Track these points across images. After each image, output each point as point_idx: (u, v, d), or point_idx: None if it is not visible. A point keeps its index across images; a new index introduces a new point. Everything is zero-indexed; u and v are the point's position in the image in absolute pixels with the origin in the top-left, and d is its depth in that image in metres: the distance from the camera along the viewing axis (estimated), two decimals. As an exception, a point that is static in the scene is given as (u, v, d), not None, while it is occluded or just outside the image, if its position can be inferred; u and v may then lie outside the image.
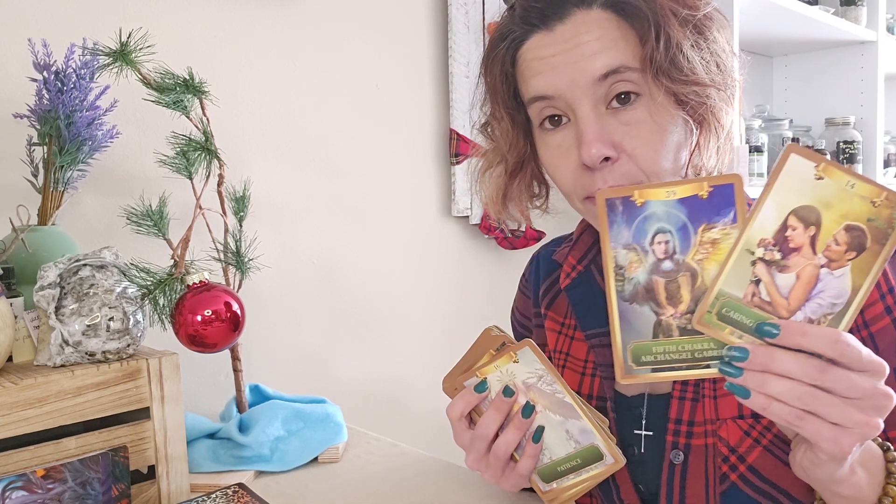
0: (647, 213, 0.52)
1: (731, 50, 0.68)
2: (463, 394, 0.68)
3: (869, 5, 2.16)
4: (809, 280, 0.49)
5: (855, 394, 0.49)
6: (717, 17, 0.67)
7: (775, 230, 0.49)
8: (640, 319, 0.54)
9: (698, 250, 0.52)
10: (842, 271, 0.49)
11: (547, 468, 0.68)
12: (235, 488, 0.79)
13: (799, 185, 0.48)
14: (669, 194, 0.52)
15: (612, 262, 0.54)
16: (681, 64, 0.63)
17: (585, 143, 0.65)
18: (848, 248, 0.48)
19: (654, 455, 0.72)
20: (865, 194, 0.48)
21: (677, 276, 0.52)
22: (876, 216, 0.48)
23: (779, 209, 0.49)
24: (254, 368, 1.23)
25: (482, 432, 0.67)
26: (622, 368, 0.55)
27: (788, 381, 0.49)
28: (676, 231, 0.52)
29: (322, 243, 1.34)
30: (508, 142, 0.75)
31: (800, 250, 0.49)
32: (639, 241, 0.53)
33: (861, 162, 2.21)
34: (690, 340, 0.53)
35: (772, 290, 0.50)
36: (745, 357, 0.50)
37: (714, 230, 0.51)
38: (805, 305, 0.50)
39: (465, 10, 1.49)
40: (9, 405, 0.70)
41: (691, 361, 0.53)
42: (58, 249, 0.90)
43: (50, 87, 0.90)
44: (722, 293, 0.51)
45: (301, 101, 1.30)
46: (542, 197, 0.80)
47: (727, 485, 0.68)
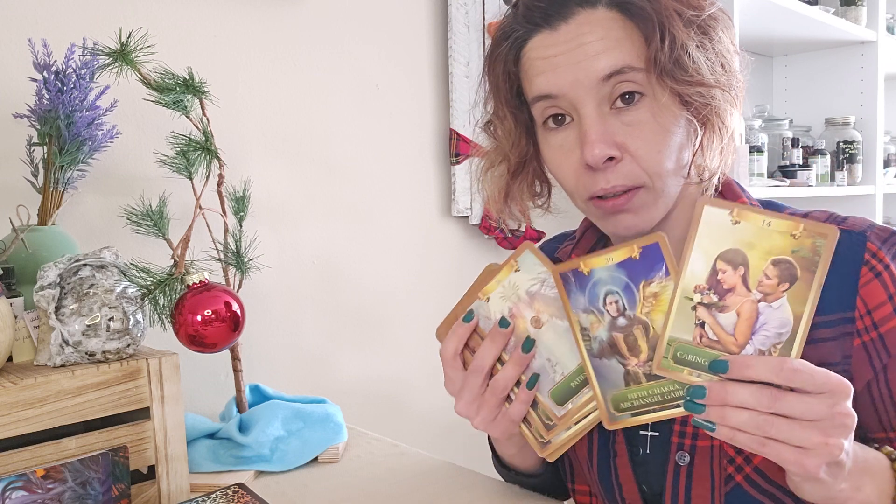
0: (595, 280, 0.58)
1: (735, 50, 0.68)
2: (454, 329, 0.66)
3: (869, 5, 2.16)
4: (750, 315, 0.53)
5: (812, 416, 0.52)
6: (722, 17, 0.67)
7: (707, 276, 0.53)
8: (611, 372, 0.59)
9: (644, 304, 0.57)
10: (779, 303, 0.52)
11: (560, 387, 0.64)
12: (235, 488, 0.79)
13: (718, 233, 0.52)
14: (608, 261, 0.57)
15: (577, 325, 0.60)
16: (686, 64, 0.63)
17: (589, 143, 0.64)
18: (780, 281, 0.52)
19: (659, 456, 0.72)
20: (784, 229, 0.51)
21: (632, 329, 0.58)
22: (799, 247, 0.51)
23: (705, 256, 0.53)
24: (254, 368, 1.23)
25: (478, 364, 0.65)
26: (607, 418, 0.60)
27: (746, 411, 0.52)
28: (622, 291, 0.57)
29: (322, 243, 1.34)
30: (511, 141, 0.74)
31: (734, 290, 0.53)
32: (594, 304, 0.59)
33: (861, 162, 2.21)
34: (658, 385, 0.58)
35: (717, 329, 0.54)
36: (703, 394, 0.54)
37: (652, 285, 0.56)
38: (752, 339, 0.53)
39: (465, 10, 1.49)
40: (9, 405, 0.70)
41: (662, 403, 0.58)
42: (58, 249, 0.90)
43: (50, 87, 0.90)
44: (672, 339, 0.55)
45: (301, 101, 1.30)
46: (545, 196, 0.80)
47: (732, 486, 0.68)
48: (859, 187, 2.18)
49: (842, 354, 0.67)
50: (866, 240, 0.67)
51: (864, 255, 0.67)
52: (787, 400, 0.52)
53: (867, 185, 2.21)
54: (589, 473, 0.79)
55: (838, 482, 0.56)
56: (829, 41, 2.20)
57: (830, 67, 2.29)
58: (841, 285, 0.67)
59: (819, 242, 0.51)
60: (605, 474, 0.76)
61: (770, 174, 1.99)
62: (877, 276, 0.66)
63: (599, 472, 0.76)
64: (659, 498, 0.72)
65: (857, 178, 2.21)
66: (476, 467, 0.95)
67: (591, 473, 0.78)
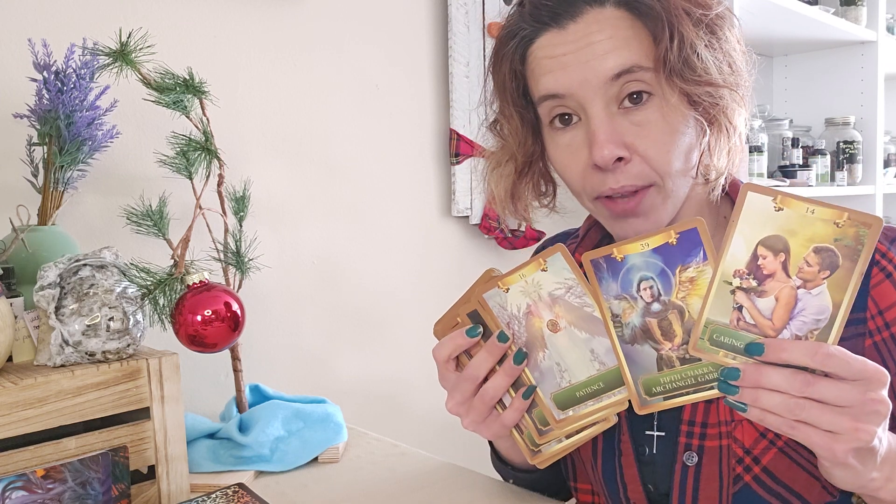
0: (629, 266, 0.58)
1: (742, 49, 0.68)
2: (453, 335, 0.66)
3: (869, 5, 2.16)
4: (788, 301, 0.53)
5: (844, 402, 0.52)
6: (729, 17, 0.67)
7: (747, 261, 0.53)
8: (643, 357, 0.60)
9: (679, 289, 0.57)
10: (819, 290, 0.52)
11: (564, 393, 0.64)
12: (235, 488, 0.79)
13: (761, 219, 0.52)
14: (643, 247, 0.58)
15: (608, 312, 0.60)
16: (694, 64, 0.62)
17: (598, 144, 0.64)
18: (821, 268, 0.52)
19: (665, 456, 0.72)
20: (827, 217, 0.51)
21: (667, 314, 0.58)
22: (842, 235, 0.51)
23: (747, 242, 0.53)
24: (254, 368, 1.23)
25: (470, 373, 0.65)
26: (637, 402, 0.61)
27: (778, 394, 0.53)
28: (657, 276, 0.58)
29: (322, 243, 1.34)
30: (517, 140, 0.74)
31: (774, 275, 0.53)
32: (627, 290, 0.59)
33: (861, 162, 2.21)
34: (691, 367, 0.58)
35: (754, 313, 0.54)
36: (738, 376, 0.55)
37: (689, 270, 0.57)
38: (790, 324, 0.54)
39: (465, 10, 1.49)
40: (9, 405, 0.70)
41: (695, 385, 0.58)
42: (58, 249, 0.90)
43: (50, 87, 0.90)
44: (710, 321, 0.55)
45: (301, 101, 1.30)
46: (550, 195, 0.80)
47: (740, 486, 0.68)
48: (859, 187, 2.18)
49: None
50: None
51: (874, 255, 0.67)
52: (819, 385, 0.52)
53: (867, 185, 2.21)
54: (593, 473, 0.78)
55: (869, 470, 0.56)
56: (829, 41, 2.20)
57: (830, 67, 2.29)
58: None
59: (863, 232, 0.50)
60: (609, 474, 0.75)
61: (770, 174, 1.99)
62: (888, 276, 0.66)
63: (604, 471, 0.76)
64: (665, 498, 0.72)
65: (857, 178, 2.21)
66: (476, 467, 0.95)
67: (595, 473, 0.78)
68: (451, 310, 0.69)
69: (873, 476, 0.57)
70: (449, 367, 0.67)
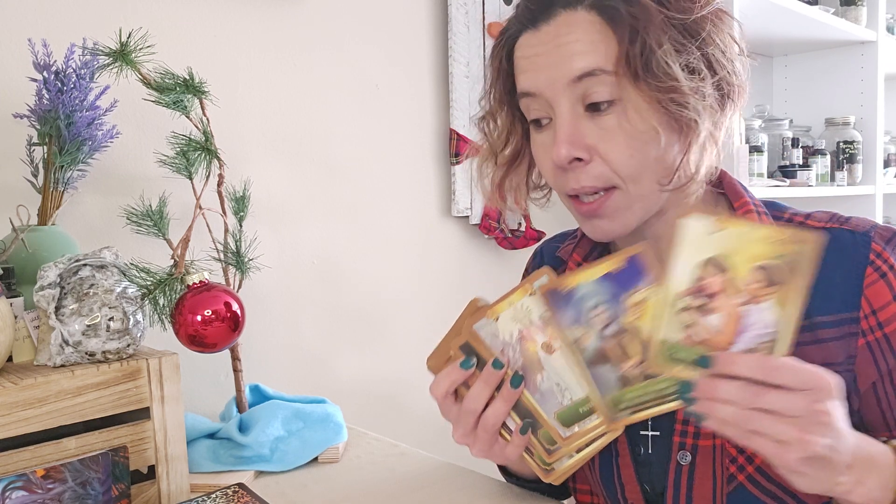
0: (580, 294, 0.61)
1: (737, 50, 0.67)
2: (448, 370, 0.67)
3: (869, 5, 2.16)
4: (736, 316, 0.55)
5: (792, 412, 0.53)
6: (717, 19, 0.65)
7: (693, 281, 0.55)
8: (606, 377, 0.62)
9: (631, 312, 0.59)
10: (766, 304, 0.54)
11: (567, 411, 0.65)
12: (235, 488, 0.79)
13: (703, 241, 0.54)
14: (592, 275, 0.60)
15: (568, 339, 0.62)
16: (657, 69, 0.62)
17: (556, 143, 0.66)
18: (765, 284, 0.53)
19: (660, 455, 0.72)
20: (766, 236, 0.53)
21: (622, 336, 0.60)
22: (783, 253, 0.52)
23: (690, 263, 0.55)
24: (254, 368, 1.23)
25: (470, 407, 0.66)
26: (607, 418, 0.63)
27: (732, 405, 0.54)
28: (608, 302, 0.60)
29: (322, 243, 1.34)
30: (506, 134, 0.76)
31: (719, 294, 0.55)
32: (581, 317, 0.61)
33: (861, 162, 2.21)
34: (652, 383, 0.60)
35: (704, 329, 0.56)
36: (692, 388, 0.56)
37: (638, 293, 0.59)
38: (740, 338, 0.55)
39: (465, 10, 1.49)
40: (9, 405, 0.70)
41: (659, 399, 0.61)
42: (58, 249, 0.90)
43: (50, 87, 0.90)
44: (664, 340, 0.57)
45: (301, 101, 1.30)
46: (545, 189, 0.81)
47: (734, 485, 0.68)
48: (859, 187, 2.18)
49: (846, 354, 0.67)
50: (870, 240, 0.67)
51: (868, 254, 0.67)
52: (769, 396, 0.53)
53: (867, 185, 2.21)
54: (591, 474, 0.78)
55: (829, 475, 0.56)
56: (829, 41, 2.20)
57: (830, 67, 2.29)
58: (845, 285, 0.67)
59: (801, 248, 0.52)
60: (607, 474, 0.76)
61: (770, 174, 1.99)
62: (882, 276, 0.66)
63: (601, 472, 0.76)
64: (661, 497, 0.72)
65: (857, 178, 2.21)
66: (476, 467, 0.95)
67: (592, 474, 0.78)
68: (443, 343, 0.69)
69: (840, 480, 0.57)
70: (449, 402, 0.68)
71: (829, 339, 0.67)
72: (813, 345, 0.67)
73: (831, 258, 0.68)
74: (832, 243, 0.69)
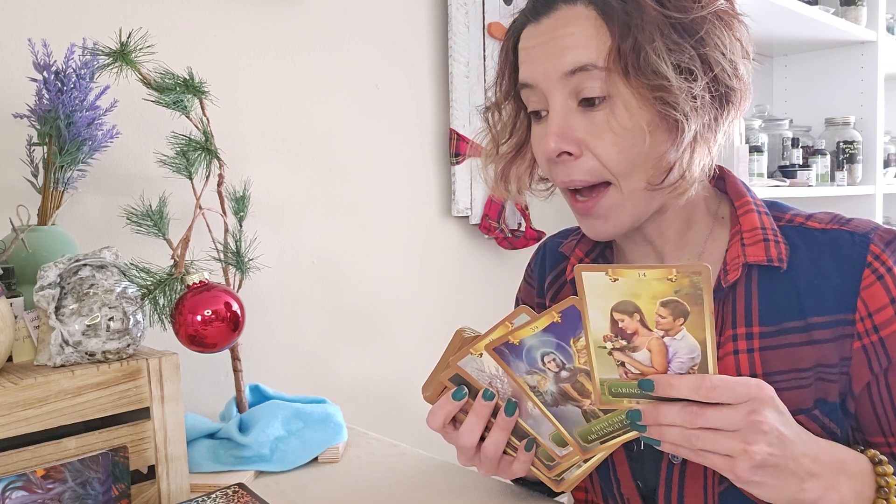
0: (528, 347, 0.62)
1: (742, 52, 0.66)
2: (441, 403, 0.67)
3: (869, 5, 2.16)
4: (660, 349, 0.57)
5: (731, 426, 0.55)
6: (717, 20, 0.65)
7: (609, 326, 0.57)
8: (571, 414, 0.64)
9: (579, 356, 0.61)
10: (681, 334, 0.56)
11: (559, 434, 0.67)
12: (235, 488, 0.79)
13: (605, 290, 0.56)
14: (533, 329, 0.61)
15: (527, 387, 0.64)
16: (646, 67, 0.62)
17: (546, 135, 0.67)
18: (674, 317, 0.55)
19: (653, 453, 0.72)
20: (660, 276, 0.55)
21: (576, 377, 0.62)
22: (679, 287, 0.54)
23: (601, 311, 0.57)
24: (254, 368, 1.23)
25: (465, 442, 0.67)
26: (579, 450, 0.65)
27: (676, 428, 0.56)
28: (556, 350, 0.61)
29: (322, 243, 1.34)
30: (511, 125, 0.77)
31: (637, 333, 0.57)
32: (534, 366, 0.63)
33: (861, 162, 2.21)
34: (613, 416, 0.63)
35: (636, 365, 0.58)
36: (639, 416, 0.59)
37: (581, 340, 0.60)
38: (670, 368, 0.57)
39: (465, 10, 1.49)
40: (9, 405, 0.70)
41: (621, 429, 0.63)
42: (58, 249, 0.90)
43: (50, 87, 0.90)
44: (603, 380, 0.59)
45: (301, 101, 1.30)
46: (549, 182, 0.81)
47: (726, 485, 0.68)
48: (859, 187, 2.18)
49: (840, 356, 0.66)
50: (869, 242, 0.67)
51: (866, 257, 0.67)
52: (707, 414, 0.55)
53: (867, 185, 2.21)
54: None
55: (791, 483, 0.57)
56: (829, 41, 2.20)
57: (830, 67, 2.29)
58: (842, 287, 0.66)
59: (695, 279, 0.54)
60: (603, 470, 0.77)
61: (770, 174, 1.99)
62: (879, 278, 0.66)
63: (598, 469, 0.76)
64: (654, 494, 0.73)
65: (857, 178, 2.21)
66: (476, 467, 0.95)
67: None
68: (434, 374, 0.70)
69: (804, 487, 0.57)
70: (448, 431, 0.69)
71: (823, 340, 0.67)
72: (808, 345, 0.67)
73: (829, 259, 0.68)
74: (831, 244, 0.68)
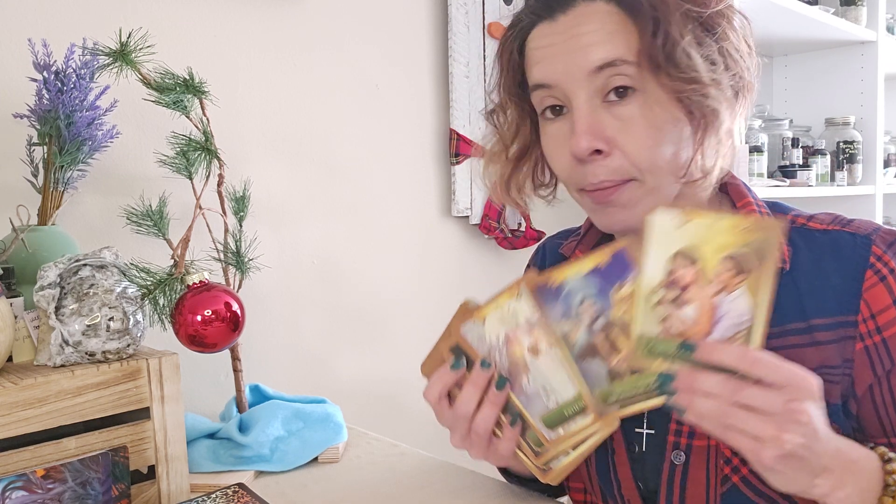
0: (569, 289, 0.61)
1: (747, 49, 0.67)
2: (439, 374, 0.67)
3: (869, 5, 2.16)
4: (709, 307, 0.55)
5: (769, 409, 0.53)
6: (731, 15, 0.66)
7: (664, 275, 0.56)
8: (595, 371, 0.62)
9: (619, 306, 0.59)
10: (736, 293, 0.54)
11: (553, 414, 0.65)
12: (235, 488, 0.79)
13: (670, 235, 0.55)
14: (579, 270, 0.60)
15: (557, 333, 0.62)
16: (679, 61, 0.62)
17: (575, 135, 0.65)
18: (735, 273, 0.54)
19: (654, 454, 0.72)
20: (731, 226, 0.53)
21: (610, 330, 0.60)
22: (749, 241, 0.53)
23: (661, 258, 0.55)
24: (254, 368, 1.23)
25: (462, 411, 0.66)
26: (596, 411, 0.63)
27: (711, 398, 0.54)
28: (596, 296, 0.60)
29: (322, 243, 1.34)
30: (514, 129, 0.76)
31: (691, 285, 0.55)
32: (570, 311, 0.61)
33: (861, 162, 2.21)
34: (640, 377, 0.60)
35: (679, 322, 0.56)
36: (672, 380, 0.56)
37: (625, 287, 0.59)
38: (715, 329, 0.56)
39: (465, 10, 1.49)
40: (9, 405, 0.70)
41: (646, 393, 0.60)
42: (58, 249, 0.90)
43: (50, 87, 0.90)
44: (642, 334, 0.58)
45: (301, 101, 1.30)
46: (552, 186, 0.80)
47: (728, 487, 0.68)
48: (859, 187, 2.18)
49: (842, 358, 0.66)
50: (871, 243, 0.67)
51: (869, 258, 0.66)
52: (748, 391, 0.53)
53: (867, 185, 2.21)
54: (587, 471, 0.79)
55: (805, 476, 0.56)
56: (829, 41, 2.20)
57: (830, 67, 2.29)
58: (844, 288, 0.66)
59: (765, 236, 0.53)
60: (603, 472, 0.76)
61: (770, 174, 1.99)
62: (882, 279, 0.66)
63: (598, 469, 0.76)
64: (655, 495, 0.72)
65: (857, 178, 2.21)
66: (476, 467, 0.95)
67: (589, 471, 0.78)
68: (435, 347, 0.69)
69: (815, 483, 0.57)
70: (443, 406, 0.68)
71: (825, 341, 0.67)
72: (810, 347, 0.67)
73: (831, 260, 0.68)
74: (832, 245, 0.68)
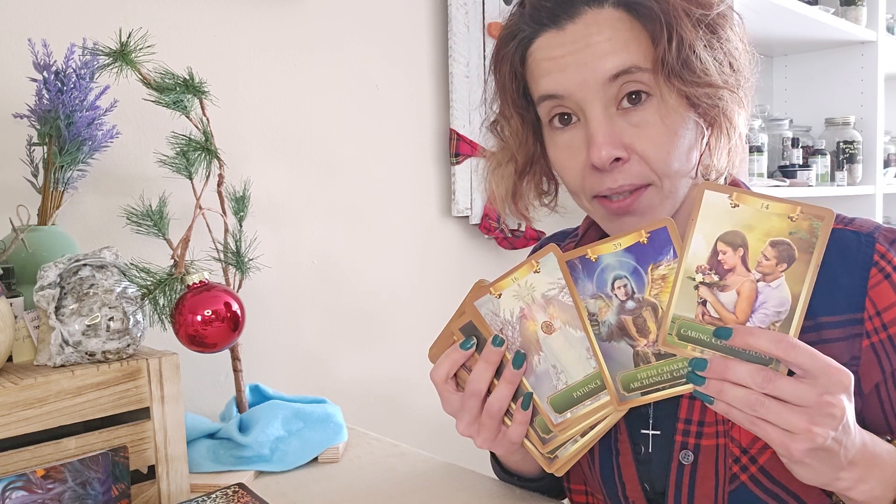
0: (603, 265, 0.60)
1: (745, 48, 0.68)
2: (448, 352, 0.66)
3: (869, 5, 2.16)
4: (749, 294, 0.55)
5: (802, 402, 0.53)
6: (731, 16, 0.67)
7: (708, 256, 0.55)
8: (620, 354, 0.61)
9: (653, 287, 0.58)
10: (778, 282, 0.54)
11: (561, 395, 0.63)
12: (235, 488, 0.79)
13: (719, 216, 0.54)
14: (616, 246, 0.59)
15: (584, 311, 0.61)
16: (693, 65, 0.62)
17: (596, 145, 0.64)
18: (778, 261, 0.53)
19: (661, 454, 0.72)
20: (781, 212, 0.53)
21: (641, 311, 0.59)
22: (797, 229, 0.53)
23: (706, 239, 0.55)
24: (254, 368, 1.23)
25: (473, 388, 0.64)
26: (616, 397, 0.61)
27: (742, 388, 0.54)
28: (630, 275, 0.59)
29: (322, 243, 1.34)
30: (518, 141, 0.75)
31: (734, 270, 0.55)
32: (602, 289, 0.60)
33: (861, 162, 2.21)
34: (666, 363, 0.59)
35: (718, 307, 0.56)
36: (704, 366, 0.56)
37: (661, 268, 0.58)
38: (752, 317, 0.55)
39: (465, 10, 1.49)
40: (9, 405, 0.70)
41: (671, 380, 0.60)
42: (58, 249, 0.90)
43: (50, 87, 0.90)
44: (676, 317, 0.57)
45: (301, 101, 1.30)
46: (552, 195, 0.80)
47: (737, 485, 0.68)
48: (859, 187, 2.18)
49: (850, 355, 0.66)
50: (874, 241, 0.67)
51: (873, 255, 0.67)
52: (780, 382, 0.53)
53: (867, 185, 2.21)
54: (590, 473, 0.78)
55: (831, 470, 0.56)
56: (829, 41, 2.20)
57: (830, 67, 2.29)
58: (850, 286, 0.67)
59: (816, 224, 0.52)
60: (607, 474, 0.76)
61: (770, 174, 1.99)
62: (886, 277, 0.66)
63: (602, 470, 0.76)
64: (661, 497, 0.72)
65: (857, 178, 2.21)
66: (476, 467, 0.95)
67: (592, 472, 0.78)
68: (445, 329, 0.68)
69: (840, 476, 0.57)
70: (449, 388, 0.67)
71: (833, 339, 0.67)
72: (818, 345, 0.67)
73: (836, 259, 0.68)
74: (836, 244, 0.69)
